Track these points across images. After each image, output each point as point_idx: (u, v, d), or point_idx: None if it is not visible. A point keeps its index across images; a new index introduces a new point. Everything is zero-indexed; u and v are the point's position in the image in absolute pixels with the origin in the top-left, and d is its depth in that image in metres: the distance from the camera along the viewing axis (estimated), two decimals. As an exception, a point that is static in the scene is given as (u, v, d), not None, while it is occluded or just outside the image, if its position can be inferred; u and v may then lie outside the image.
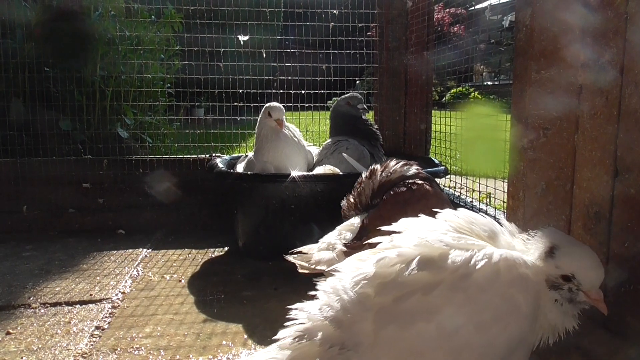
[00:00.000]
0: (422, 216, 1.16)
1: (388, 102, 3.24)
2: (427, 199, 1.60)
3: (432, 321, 0.92)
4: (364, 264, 1.05)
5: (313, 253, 1.66)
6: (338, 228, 1.72)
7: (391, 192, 1.67)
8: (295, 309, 1.06)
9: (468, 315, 0.92)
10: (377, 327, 0.94)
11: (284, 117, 2.45)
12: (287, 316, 1.06)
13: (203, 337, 1.66)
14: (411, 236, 1.04)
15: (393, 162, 1.72)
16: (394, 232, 1.18)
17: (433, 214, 1.19)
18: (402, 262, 0.98)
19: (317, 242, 1.73)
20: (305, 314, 1.03)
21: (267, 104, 2.48)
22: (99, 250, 2.58)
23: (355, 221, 1.71)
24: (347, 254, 1.59)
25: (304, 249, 1.71)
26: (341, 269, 1.09)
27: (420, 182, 1.65)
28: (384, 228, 1.17)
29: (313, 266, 1.64)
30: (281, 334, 1.04)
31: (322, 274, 1.63)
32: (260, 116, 2.52)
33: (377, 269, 0.99)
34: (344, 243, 1.62)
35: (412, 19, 3.10)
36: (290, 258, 1.69)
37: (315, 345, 0.97)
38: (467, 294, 0.92)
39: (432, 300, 0.92)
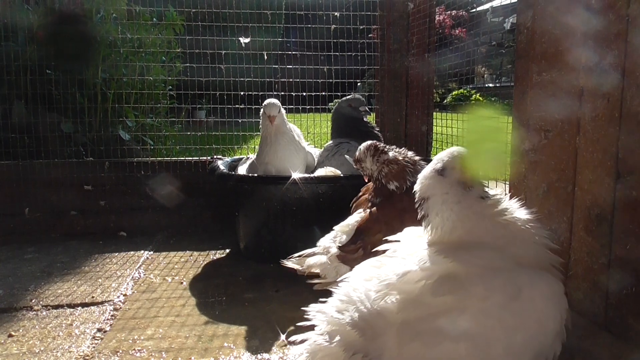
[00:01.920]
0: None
1: (389, 104, 3.24)
2: None
3: (461, 342, 0.91)
4: (379, 272, 1.03)
5: (307, 257, 1.67)
6: (335, 229, 1.72)
7: (390, 197, 1.67)
8: (312, 310, 1.05)
9: (500, 338, 0.92)
10: (400, 343, 0.93)
11: (278, 113, 2.41)
12: (305, 315, 1.04)
13: (205, 339, 1.66)
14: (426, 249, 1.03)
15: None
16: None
17: None
18: (427, 278, 0.96)
19: (318, 242, 1.74)
20: (324, 317, 1.02)
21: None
22: (100, 252, 2.59)
23: (351, 221, 1.71)
24: (339, 257, 1.60)
25: (303, 253, 1.72)
26: (352, 276, 1.08)
27: None
28: (381, 248, 1.16)
29: (306, 270, 1.65)
30: (298, 348, 1.02)
31: (318, 275, 1.64)
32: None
33: (401, 284, 0.97)
34: (338, 246, 1.63)
35: (413, 21, 3.11)
36: (286, 263, 1.70)
37: (336, 350, 0.96)
38: (500, 319, 0.92)
39: (462, 324, 0.92)
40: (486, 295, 0.93)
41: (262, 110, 2.47)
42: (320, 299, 1.12)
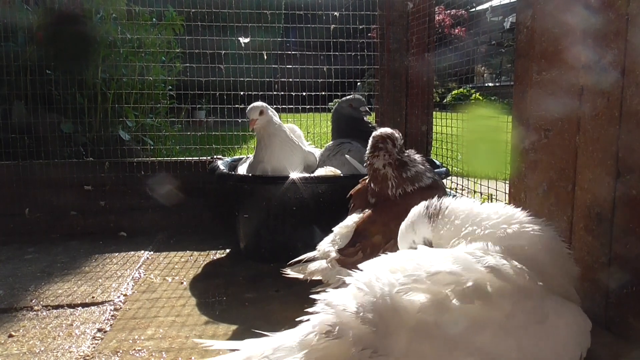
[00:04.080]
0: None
1: (389, 104, 3.25)
2: None
3: (475, 356, 0.88)
4: (408, 265, 1.00)
5: (308, 263, 1.66)
6: (334, 230, 1.71)
7: (387, 198, 1.67)
8: (323, 299, 1.01)
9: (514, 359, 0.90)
10: (411, 341, 0.91)
11: (259, 115, 2.41)
12: (316, 302, 1.01)
13: (205, 339, 1.66)
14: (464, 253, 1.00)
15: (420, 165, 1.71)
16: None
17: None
18: (457, 283, 0.93)
19: (317, 245, 1.74)
20: (334, 310, 0.97)
21: None
22: (100, 252, 2.59)
23: (350, 222, 1.70)
24: (339, 261, 1.59)
25: (302, 258, 1.71)
26: (375, 264, 1.05)
27: (417, 190, 1.63)
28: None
29: (308, 278, 1.64)
30: (304, 327, 0.99)
31: (321, 282, 1.63)
32: None
33: (429, 283, 0.94)
34: (337, 250, 1.62)
35: (413, 21, 3.11)
36: (288, 272, 1.69)
37: (345, 344, 0.93)
38: (519, 342, 0.89)
39: (480, 339, 0.89)
40: (512, 314, 0.90)
41: None
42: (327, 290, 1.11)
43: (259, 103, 2.46)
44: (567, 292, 0.99)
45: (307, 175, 2.33)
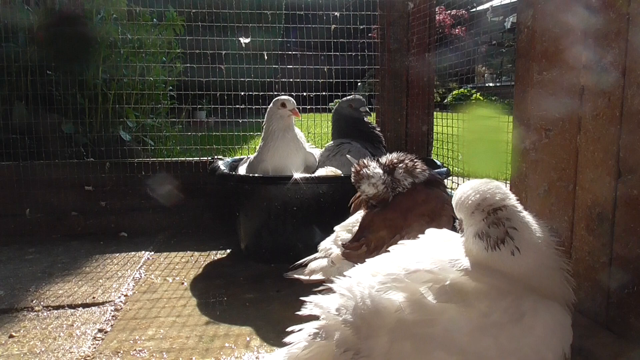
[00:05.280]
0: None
1: (390, 104, 3.25)
2: (427, 204, 1.58)
3: (453, 355, 0.90)
4: (388, 267, 1.02)
5: (309, 263, 1.66)
6: (336, 229, 1.71)
7: (395, 197, 1.66)
8: (311, 301, 1.04)
9: (493, 358, 0.91)
10: (392, 341, 0.93)
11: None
12: (303, 306, 1.04)
13: (206, 339, 1.66)
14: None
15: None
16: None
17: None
18: (434, 281, 0.95)
19: (318, 244, 1.73)
20: (322, 311, 1.01)
21: (277, 98, 2.49)
22: (101, 253, 2.59)
23: (353, 220, 1.70)
24: (344, 254, 1.59)
25: (304, 260, 1.71)
26: (359, 270, 1.06)
27: (420, 187, 1.63)
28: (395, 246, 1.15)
29: (308, 277, 1.64)
30: (294, 337, 1.02)
31: (323, 282, 1.63)
32: (270, 111, 2.52)
33: (407, 281, 0.96)
34: (342, 244, 1.62)
35: (413, 21, 3.11)
36: (290, 275, 1.69)
37: (330, 346, 0.96)
38: (496, 341, 0.91)
39: (458, 337, 0.90)
40: (487, 313, 0.92)
41: (273, 105, 2.48)
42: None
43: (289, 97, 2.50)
44: (551, 292, 0.99)
45: (307, 175, 2.33)
